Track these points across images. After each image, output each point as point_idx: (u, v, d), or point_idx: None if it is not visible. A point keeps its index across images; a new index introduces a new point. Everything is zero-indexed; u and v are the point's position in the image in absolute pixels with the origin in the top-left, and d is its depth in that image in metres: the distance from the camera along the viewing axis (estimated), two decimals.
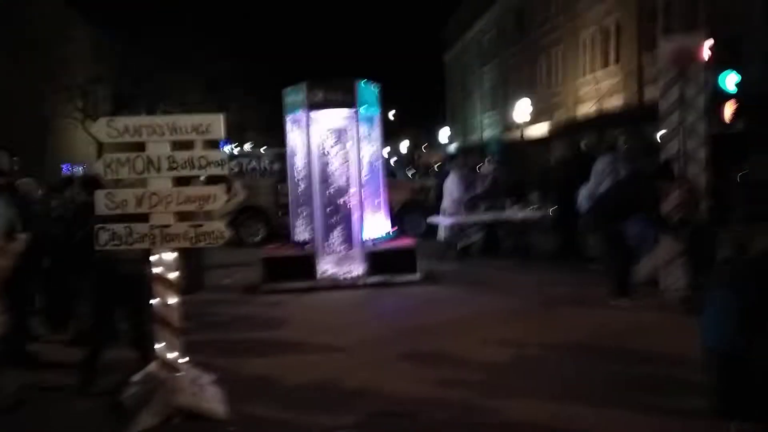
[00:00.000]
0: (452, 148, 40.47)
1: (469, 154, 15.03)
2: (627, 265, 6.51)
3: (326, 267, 8.12)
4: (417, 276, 8.12)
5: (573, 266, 8.64)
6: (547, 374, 4.60)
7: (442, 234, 9.77)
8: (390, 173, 13.14)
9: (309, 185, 8.14)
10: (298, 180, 8.44)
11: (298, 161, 8.44)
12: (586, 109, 28.99)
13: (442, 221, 9.43)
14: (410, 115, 57.40)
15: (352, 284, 7.98)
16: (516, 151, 20.30)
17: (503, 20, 40.05)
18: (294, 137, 8.51)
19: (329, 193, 8.31)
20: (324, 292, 7.76)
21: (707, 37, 7.29)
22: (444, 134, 45.27)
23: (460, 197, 9.62)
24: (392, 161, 19.64)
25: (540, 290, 7.39)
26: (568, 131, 29.63)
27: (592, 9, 28.48)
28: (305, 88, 7.97)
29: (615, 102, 26.16)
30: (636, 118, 21.87)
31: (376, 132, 8.61)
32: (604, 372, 4.56)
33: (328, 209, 8.28)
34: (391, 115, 52.50)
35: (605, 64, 27.82)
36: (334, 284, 7.96)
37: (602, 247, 6.74)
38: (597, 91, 28.24)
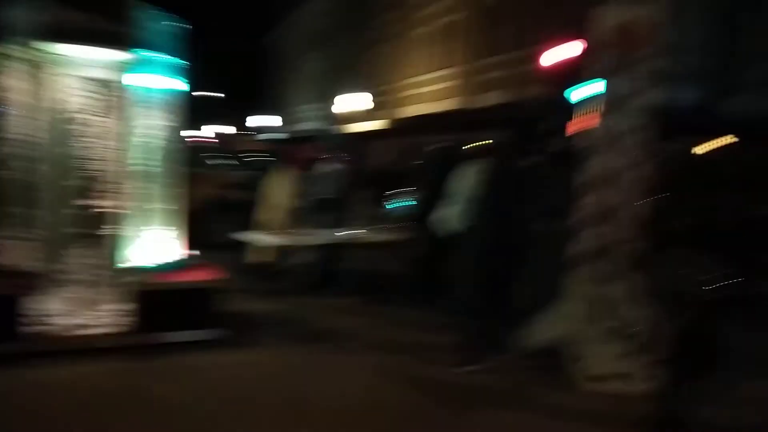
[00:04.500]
0: (277, 135, 36.96)
1: (304, 143, 11.90)
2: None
3: (51, 311, 4.63)
4: (217, 332, 5.01)
5: (444, 315, 6.10)
6: None
7: (257, 255, 6.71)
8: (198, 161, 9.76)
9: (32, 167, 4.62)
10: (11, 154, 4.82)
11: (23, 126, 4.82)
12: (421, 109, 27.71)
13: (262, 239, 6.37)
14: (230, 98, 52.69)
15: (93, 347, 4.60)
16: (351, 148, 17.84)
17: (335, 5, 37.76)
18: (15, 85, 4.87)
19: (71, 183, 4.84)
20: (34, 368, 4.25)
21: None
22: (267, 121, 41.81)
23: (294, 204, 6.67)
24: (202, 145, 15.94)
25: (426, 367, 4.72)
26: (403, 130, 28.11)
27: (429, 6, 27.22)
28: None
29: (447, 106, 25.11)
30: (468, 122, 20.78)
31: (170, 96, 5.29)
32: None
33: (64, 210, 4.80)
34: (204, 95, 47.65)
35: (439, 66, 26.68)
36: (62, 346, 4.51)
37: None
38: (430, 93, 27.07)
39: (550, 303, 5.32)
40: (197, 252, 5.61)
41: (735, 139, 8.83)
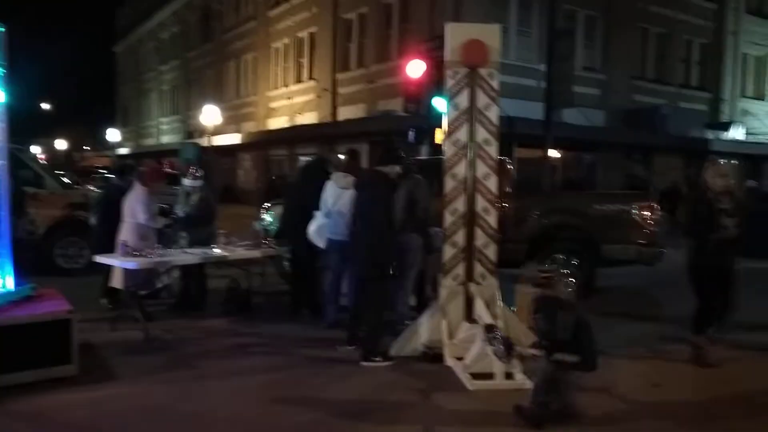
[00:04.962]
0: (125, 150, 34.68)
1: (163, 158, 11.18)
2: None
3: None
4: (72, 368, 4.56)
5: (321, 327, 6.02)
6: None
7: (118, 279, 6.23)
8: (33, 178, 8.89)
9: None
10: None
11: None
12: (279, 123, 27.44)
13: (120, 263, 5.91)
14: (73, 110, 48.79)
15: None
16: (208, 163, 17.19)
17: (188, 16, 36.41)
18: None
19: None
20: None
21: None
22: (113, 135, 39.02)
23: (149, 223, 6.29)
24: (38, 159, 14.54)
25: (312, 380, 4.60)
26: (260, 144, 27.62)
27: (286, 19, 27.14)
28: None
29: (308, 119, 25.11)
30: (331, 136, 20.94)
31: None
32: None
33: None
34: (45, 106, 43.84)
35: (299, 79, 26.64)
36: None
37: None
38: (290, 106, 26.91)
39: (427, 307, 5.50)
40: (33, 282, 5.05)
41: (562, 150, 9.84)
